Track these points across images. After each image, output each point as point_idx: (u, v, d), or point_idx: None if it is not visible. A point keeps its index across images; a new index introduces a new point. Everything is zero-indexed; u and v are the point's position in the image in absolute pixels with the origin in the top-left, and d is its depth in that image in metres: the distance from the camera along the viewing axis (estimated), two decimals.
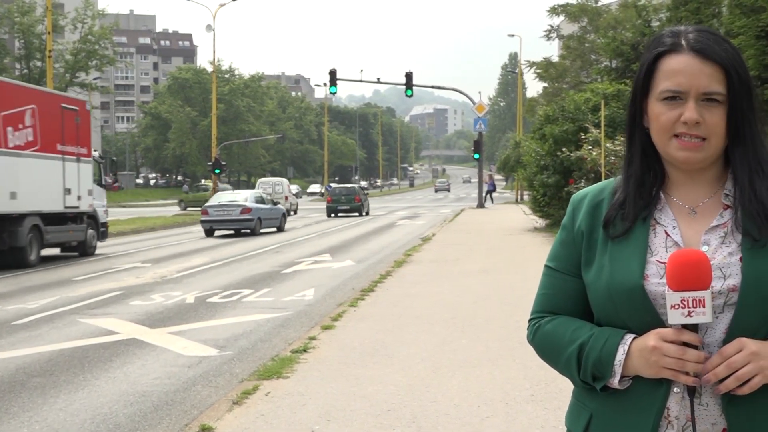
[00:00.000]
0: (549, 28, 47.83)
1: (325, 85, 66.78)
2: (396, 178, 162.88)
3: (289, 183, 57.25)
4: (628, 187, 2.01)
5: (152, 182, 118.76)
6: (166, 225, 38.01)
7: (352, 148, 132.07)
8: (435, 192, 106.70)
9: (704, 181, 1.98)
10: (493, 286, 14.11)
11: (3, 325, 11.53)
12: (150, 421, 6.80)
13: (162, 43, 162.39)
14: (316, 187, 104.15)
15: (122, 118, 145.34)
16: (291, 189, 54.87)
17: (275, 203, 35.22)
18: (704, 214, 1.96)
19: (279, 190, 49.61)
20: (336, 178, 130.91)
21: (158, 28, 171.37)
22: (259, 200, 32.42)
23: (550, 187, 25.05)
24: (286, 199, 48.68)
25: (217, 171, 50.75)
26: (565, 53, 47.75)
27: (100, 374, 8.46)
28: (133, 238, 30.22)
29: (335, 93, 47.91)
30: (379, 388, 7.27)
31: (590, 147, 21.77)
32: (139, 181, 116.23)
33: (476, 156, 49.86)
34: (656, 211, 1.99)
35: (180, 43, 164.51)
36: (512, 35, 70.53)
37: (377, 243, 25.87)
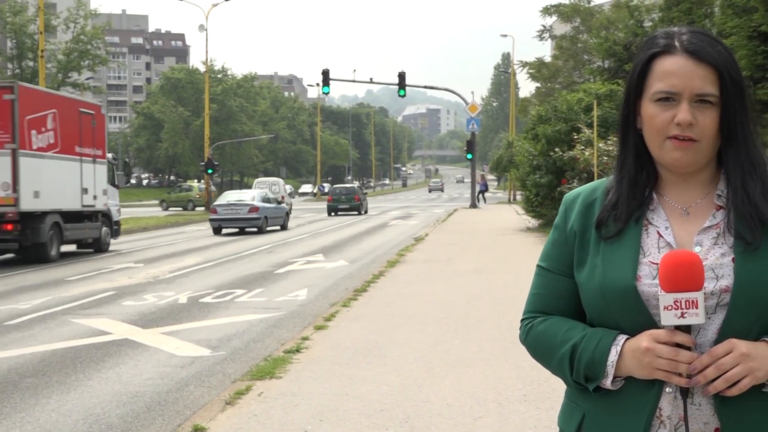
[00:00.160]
0: (542, 28, 47.93)
1: (317, 85, 66.99)
2: (388, 178, 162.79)
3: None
4: (621, 187, 2.01)
5: (145, 182, 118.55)
6: (158, 225, 37.95)
7: (345, 148, 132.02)
8: (429, 192, 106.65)
9: (697, 182, 1.99)
10: (485, 286, 14.11)
11: None
12: (142, 422, 6.79)
13: (154, 43, 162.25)
14: (307, 188, 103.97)
15: (115, 118, 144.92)
16: (286, 189, 55.19)
17: (279, 202, 36.33)
18: (697, 214, 1.97)
19: (275, 190, 49.57)
20: (329, 179, 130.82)
21: (151, 28, 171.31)
22: (265, 199, 33.48)
23: (543, 187, 25.08)
24: (282, 199, 48.73)
25: (209, 171, 50.75)
26: (558, 53, 47.86)
27: (93, 374, 8.44)
28: (127, 238, 30.11)
29: (328, 93, 48.05)
30: (371, 388, 7.27)
31: (583, 147, 21.81)
32: (132, 181, 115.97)
33: (469, 156, 49.82)
34: (649, 211, 1.99)
35: (172, 43, 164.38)
36: (505, 35, 70.57)
37: (370, 243, 25.87)
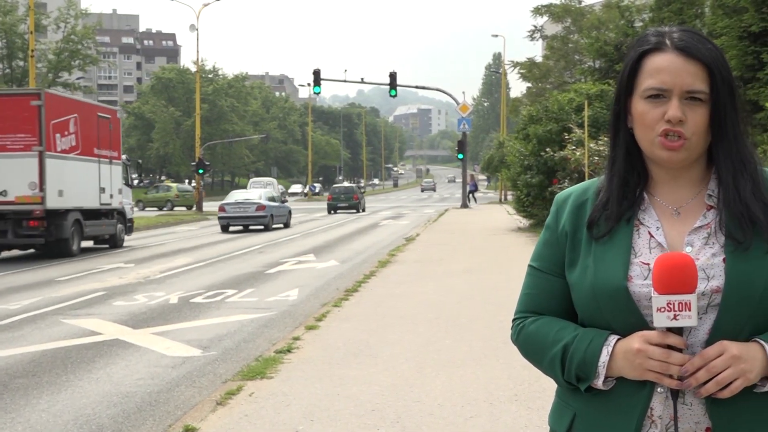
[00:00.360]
0: (533, 28, 48.03)
1: (309, 85, 66.92)
2: (378, 179, 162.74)
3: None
4: (612, 187, 2.01)
5: (135, 182, 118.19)
6: (149, 225, 37.86)
7: (336, 148, 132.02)
8: (421, 191, 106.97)
9: (687, 181, 1.98)
10: (476, 286, 14.11)
11: None
12: (133, 422, 6.77)
13: (145, 42, 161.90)
14: (297, 188, 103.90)
15: None
16: (279, 189, 55.80)
17: (283, 201, 37.77)
18: (687, 214, 1.96)
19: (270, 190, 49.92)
20: (320, 179, 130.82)
21: (141, 28, 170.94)
22: (270, 199, 34.93)
23: (534, 187, 25.10)
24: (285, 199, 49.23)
25: (201, 171, 50.68)
26: (549, 53, 47.98)
27: (83, 375, 8.41)
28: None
29: (319, 93, 48.11)
30: (363, 388, 7.26)
31: (574, 147, 21.84)
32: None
33: (460, 156, 49.86)
34: (640, 211, 1.99)
35: (163, 42, 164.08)
36: (496, 35, 70.66)
37: (361, 243, 25.86)
